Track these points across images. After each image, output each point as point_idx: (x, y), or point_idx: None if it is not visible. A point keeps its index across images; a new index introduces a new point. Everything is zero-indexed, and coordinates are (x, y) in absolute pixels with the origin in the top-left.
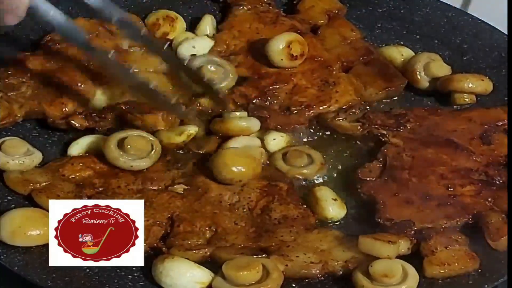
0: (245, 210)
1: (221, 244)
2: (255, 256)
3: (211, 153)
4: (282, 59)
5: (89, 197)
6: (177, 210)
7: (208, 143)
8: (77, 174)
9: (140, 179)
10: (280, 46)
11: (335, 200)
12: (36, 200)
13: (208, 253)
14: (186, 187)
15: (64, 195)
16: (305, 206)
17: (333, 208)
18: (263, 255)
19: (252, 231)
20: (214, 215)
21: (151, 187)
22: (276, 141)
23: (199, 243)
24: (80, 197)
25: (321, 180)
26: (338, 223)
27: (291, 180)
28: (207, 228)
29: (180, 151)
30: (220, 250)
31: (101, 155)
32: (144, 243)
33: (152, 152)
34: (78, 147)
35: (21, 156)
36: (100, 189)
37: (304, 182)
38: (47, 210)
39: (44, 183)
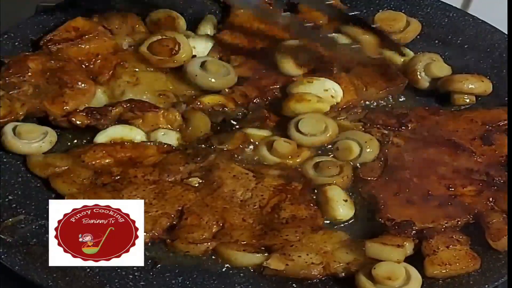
0: (255, 207)
1: (226, 240)
2: (255, 254)
3: (233, 150)
4: (291, 68)
5: (105, 185)
6: (188, 203)
7: (231, 139)
8: (97, 161)
9: (158, 170)
10: (287, 56)
11: (346, 201)
12: (52, 184)
13: (211, 248)
14: (201, 181)
15: (79, 182)
16: (316, 207)
17: (343, 209)
18: (265, 253)
19: (258, 228)
20: (223, 210)
21: (167, 178)
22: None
23: (203, 236)
24: (95, 185)
25: None
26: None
27: (307, 180)
28: (214, 223)
29: (202, 145)
30: (223, 245)
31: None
32: (149, 233)
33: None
34: (104, 136)
35: (39, 140)
36: (117, 177)
37: None
38: (62, 195)
39: (63, 168)
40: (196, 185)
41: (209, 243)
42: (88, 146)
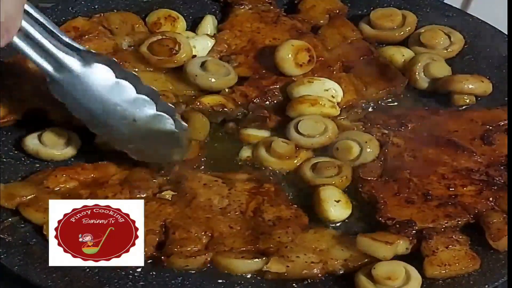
0: (237, 213)
1: (220, 249)
2: (254, 260)
3: (194, 159)
4: (291, 68)
5: None
6: (169, 217)
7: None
8: (62, 185)
9: (127, 188)
10: (287, 55)
11: (338, 201)
12: (24, 214)
13: (209, 259)
14: (174, 193)
15: None
16: (296, 206)
17: (335, 209)
18: (263, 258)
19: (248, 234)
20: (207, 220)
21: (139, 195)
22: None
23: (196, 249)
24: None
25: None
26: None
27: (277, 181)
28: (202, 234)
29: None
30: (219, 255)
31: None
32: None
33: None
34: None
35: (63, 146)
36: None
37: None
38: (36, 224)
39: (30, 196)
40: (170, 198)
41: (206, 254)
42: (48, 170)
